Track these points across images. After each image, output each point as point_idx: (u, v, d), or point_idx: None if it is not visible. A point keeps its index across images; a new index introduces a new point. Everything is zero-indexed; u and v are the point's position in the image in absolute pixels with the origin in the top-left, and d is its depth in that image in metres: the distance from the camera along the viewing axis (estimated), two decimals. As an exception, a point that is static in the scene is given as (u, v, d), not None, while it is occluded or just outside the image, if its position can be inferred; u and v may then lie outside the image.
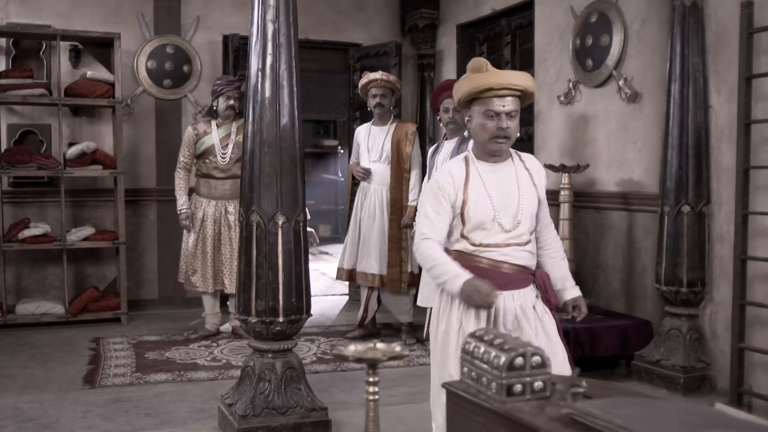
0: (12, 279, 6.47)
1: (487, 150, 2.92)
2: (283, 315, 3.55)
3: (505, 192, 2.93)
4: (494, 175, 2.94)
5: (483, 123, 2.87)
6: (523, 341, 1.96)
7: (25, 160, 5.97)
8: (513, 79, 2.87)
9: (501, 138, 2.85)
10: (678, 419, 1.69)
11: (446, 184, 2.93)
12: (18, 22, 6.37)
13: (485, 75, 2.87)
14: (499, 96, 2.83)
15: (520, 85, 2.86)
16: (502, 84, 2.83)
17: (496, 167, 2.95)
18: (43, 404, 4.19)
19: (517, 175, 2.96)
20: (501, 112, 2.83)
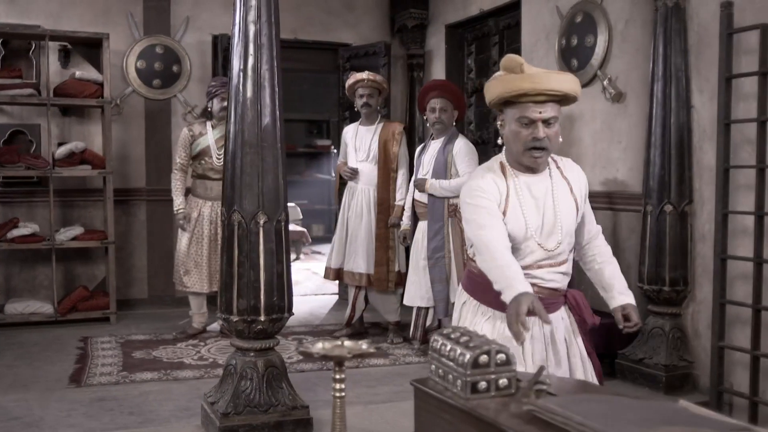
0: (1, 278, 6.49)
1: (523, 162, 2.61)
2: (264, 314, 3.57)
3: (541, 210, 2.62)
4: (529, 190, 2.63)
5: (517, 131, 2.55)
6: (488, 339, 1.99)
7: (14, 160, 5.98)
8: (552, 83, 2.52)
9: (537, 150, 2.54)
10: (637, 415, 1.71)
11: (493, 189, 2.60)
12: (7, 22, 6.38)
13: (520, 78, 2.54)
14: (535, 102, 2.51)
15: (560, 89, 2.53)
16: (537, 90, 2.50)
17: (531, 179, 2.64)
18: (28, 403, 4.20)
19: (553, 189, 2.65)
20: (537, 119, 2.51)
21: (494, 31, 6.55)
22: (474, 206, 2.60)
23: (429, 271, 5.10)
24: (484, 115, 6.82)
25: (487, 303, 2.70)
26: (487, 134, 6.72)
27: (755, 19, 3.92)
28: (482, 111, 6.82)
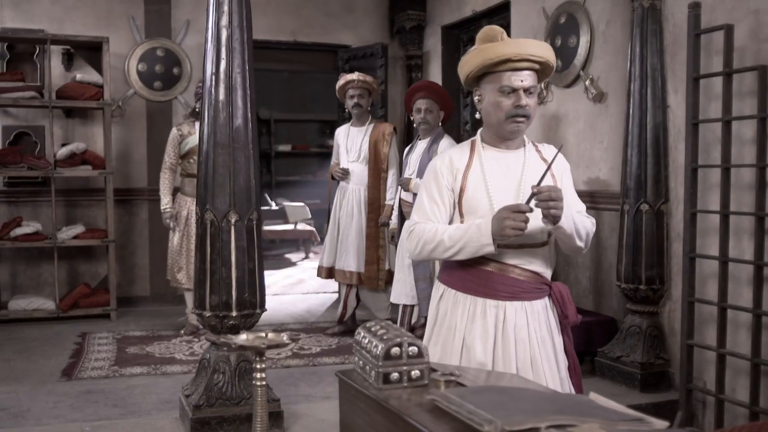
0: (7, 276, 6.68)
1: (503, 132, 2.55)
2: (236, 309, 3.67)
3: (508, 182, 2.55)
4: (499, 163, 2.58)
5: (498, 101, 2.50)
6: (404, 332, 2.07)
7: (17, 161, 6.16)
8: (533, 48, 2.49)
9: (519, 117, 2.49)
10: (532, 406, 1.78)
11: (445, 168, 2.59)
12: (12, 26, 6.57)
13: (502, 44, 2.49)
14: (516, 69, 2.47)
15: (542, 56, 2.49)
16: (520, 54, 2.45)
17: (504, 154, 2.59)
18: (18, 395, 4.35)
19: (525, 164, 2.58)
20: (519, 87, 2.47)
21: (488, 32, 6.60)
22: (422, 188, 2.65)
23: (413, 270, 5.18)
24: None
25: (466, 290, 2.60)
26: (481, 134, 6.77)
27: (726, 19, 3.95)
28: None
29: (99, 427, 3.80)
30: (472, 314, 2.58)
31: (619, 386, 4.49)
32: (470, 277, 2.57)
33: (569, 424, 1.62)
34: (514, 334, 2.54)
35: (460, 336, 2.58)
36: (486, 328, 2.54)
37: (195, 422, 3.62)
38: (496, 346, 2.54)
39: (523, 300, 2.56)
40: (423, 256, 2.60)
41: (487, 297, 2.55)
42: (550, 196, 2.35)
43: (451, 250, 2.50)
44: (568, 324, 2.67)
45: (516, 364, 2.52)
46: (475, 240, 2.44)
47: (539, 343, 2.57)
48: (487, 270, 2.55)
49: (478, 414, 1.68)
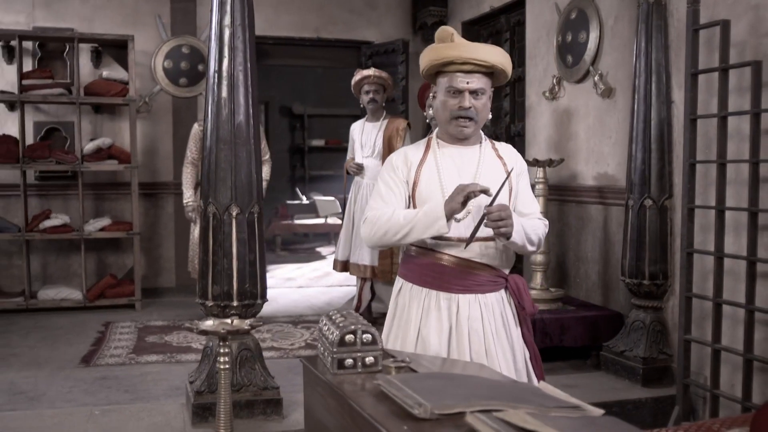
0: (39, 267, 6.92)
1: (449, 132, 2.64)
2: (237, 299, 3.79)
3: (462, 176, 2.61)
4: (453, 159, 2.65)
5: (444, 101, 2.59)
6: (360, 320, 2.16)
7: (45, 155, 6.38)
8: (479, 53, 2.53)
9: (462, 119, 2.57)
10: (468, 391, 1.85)
11: (400, 163, 2.68)
12: (43, 25, 6.80)
13: (448, 46, 2.56)
14: (463, 71, 2.53)
15: (486, 60, 2.53)
16: (464, 58, 2.52)
17: (458, 150, 2.66)
18: (36, 379, 4.54)
19: (480, 160, 2.66)
20: (464, 89, 2.54)
21: (505, 28, 6.64)
22: (379, 180, 2.72)
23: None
24: (497, 110, 6.90)
25: (421, 282, 2.67)
26: (499, 130, 6.81)
27: (727, 14, 3.94)
28: (498, 107, 6.91)
29: (108, 411, 3.96)
30: (427, 307, 2.65)
31: (623, 380, 4.51)
32: (426, 271, 2.65)
33: (496, 409, 1.70)
34: (468, 326, 2.61)
35: (415, 329, 2.65)
36: (440, 320, 2.62)
37: (196, 407, 3.75)
38: (450, 338, 2.62)
39: (477, 293, 2.63)
40: (376, 239, 2.63)
41: (440, 290, 2.63)
42: (500, 215, 2.44)
43: (403, 230, 2.54)
44: (525, 315, 2.72)
45: (470, 356, 2.60)
46: (429, 214, 2.49)
47: (493, 335, 2.63)
48: (442, 264, 2.62)
49: (412, 397, 1.76)
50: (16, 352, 5.21)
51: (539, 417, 1.66)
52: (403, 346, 2.67)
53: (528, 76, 6.05)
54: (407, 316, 2.70)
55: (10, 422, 3.77)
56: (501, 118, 6.76)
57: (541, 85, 5.79)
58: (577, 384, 4.49)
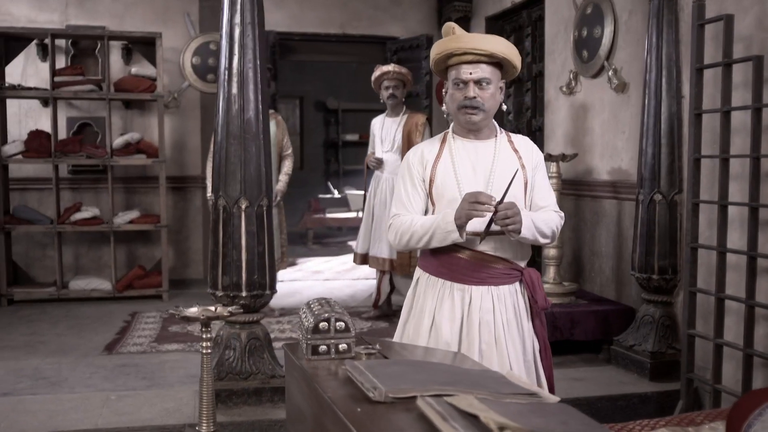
0: (71, 258, 7.15)
1: (460, 123, 2.70)
2: (245, 290, 3.90)
3: (477, 170, 2.68)
4: (468, 153, 2.70)
5: (452, 93, 2.67)
6: (335, 309, 2.25)
7: (76, 150, 6.59)
8: (475, 42, 2.61)
9: (469, 108, 2.62)
10: (426, 377, 1.92)
11: (416, 162, 2.75)
12: (76, 23, 7.01)
13: (450, 39, 2.65)
14: (466, 62, 2.61)
15: (484, 49, 2.59)
16: (462, 48, 2.60)
17: (473, 144, 2.71)
18: (60, 366, 4.73)
19: (496, 153, 2.71)
20: (468, 80, 2.60)
21: (527, 23, 6.66)
22: (399, 180, 2.79)
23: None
24: (518, 105, 6.93)
25: (438, 274, 2.74)
26: (521, 124, 6.83)
27: (735, 9, 3.93)
28: (520, 101, 6.94)
29: (123, 396, 4.11)
30: (441, 297, 2.73)
31: (631, 374, 4.53)
32: (442, 263, 2.72)
33: (447, 394, 1.77)
34: (479, 317, 2.68)
35: (429, 317, 2.73)
36: (453, 310, 2.69)
37: (206, 394, 3.88)
38: (462, 328, 2.69)
39: (490, 285, 2.69)
40: (402, 245, 2.75)
41: (454, 281, 2.70)
42: (506, 214, 2.51)
43: (423, 239, 2.66)
44: (538, 309, 2.77)
45: (480, 345, 2.67)
46: (442, 228, 2.59)
47: (504, 326, 2.69)
48: (458, 256, 2.68)
49: (370, 381, 1.85)
50: (44, 339, 5.41)
51: (487, 402, 1.72)
52: (417, 333, 2.76)
53: (546, 71, 6.07)
54: (422, 305, 2.78)
55: (29, 405, 3.94)
56: (523, 113, 6.79)
57: (559, 80, 5.81)
58: (585, 377, 4.53)
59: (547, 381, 2.81)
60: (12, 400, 4.05)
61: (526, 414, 1.68)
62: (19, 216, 6.65)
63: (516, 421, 1.57)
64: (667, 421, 2.70)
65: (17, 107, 6.99)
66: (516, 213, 2.54)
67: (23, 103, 6.98)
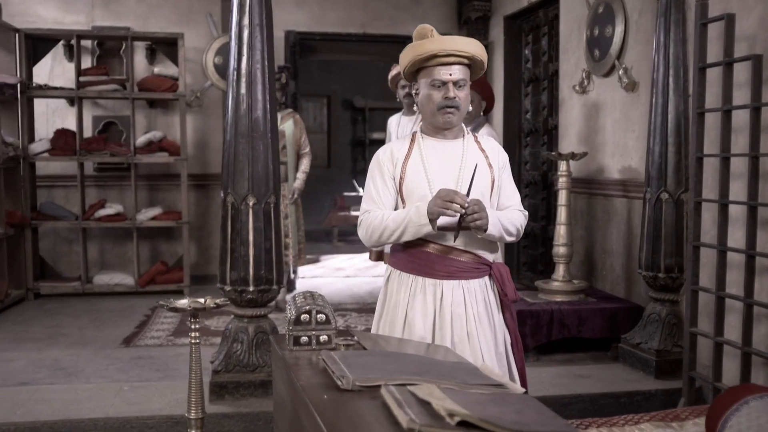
0: (96, 253, 7.34)
1: (436, 123, 2.75)
2: (253, 285, 4.00)
3: (447, 169, 2.74)
4: (438, 152, 2.77)
5: (429, 94, 2.71)
6: (317, 301, 2.33)
7: (100, 148, 6.76)
8: (458, 44, 2.68)
9: (449, 108, 2.69)
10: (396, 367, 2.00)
11: (386, 160, 2.80)
12: (101, 24, 7.19)
13: (429, 41, 2.69)
14: (444, 64, 2.67)
15: (466, 51, 2.68)
16: (445, 50, 2.65)
17: (442, 144, 2.78)
18: (78, 357, 4.88)
19: (464, 152, 2.78)
20: (448, 81, 2.67)
21: (543, 22, 6.69)
22: (368, 177, 2.85)
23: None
24: (535, 104, 6.96)
25: (408, 270, 2.80)
26: (537, 123, 6.86)
27: (739, 7, 3.94)
28: (537, 100, 6.97)
29: (136, 387, 4.24)
30: (413, 292, 2.79)
31: (637, 372, 4.55)
32: (412, 258, 2.79)
33: (412, 383, 1.84)
34: (451, 311, 2.73)
35: (403, 312, 2.79)
36: (426, 305, 2.75)
37: (213, 386, 3.99)
38: (435, 322, 2.75)
39: (461, 279, 2.75)
40: (373, 241, 2.81)
41: (426, 276, 2.76)
42: (474, 210, 2.58)
43: (396, 232, 2.71)
44: (508, 301, 2.84)
45: (452, 339, 2.72)
46: (414, 221, 2.65)
47: (476, 319, 2.75)
48: (427, 251, 2.75)
49: (341, 370, 1.93)
50: (66, 332, 5.58)
51: (449, 391, 1.80)
52: (392, 329, 2.82)
53: (561, 69, 6.09)
54: (395, 301, 2.83)
55: (45, 394, 4.08)
56: (539, 112, 6.82)
57: (572, 79, 5.83)
58: (591, 375, 4.56)
59: (519, 372, 2.87)
60: (30, 389, 4.20)
61: (483, 403, 1.75)
62: (45, 212, 6.85)
63: (469, 409, 1.64)
64: (652, 416, 2.74)
65: (45, 106, 7.19)
66: (482, 209, 2.61)
67: (51, 103, 7.18)
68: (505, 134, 7.21)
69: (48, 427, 3.69)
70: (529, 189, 7.09)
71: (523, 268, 7.20)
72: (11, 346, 5.18)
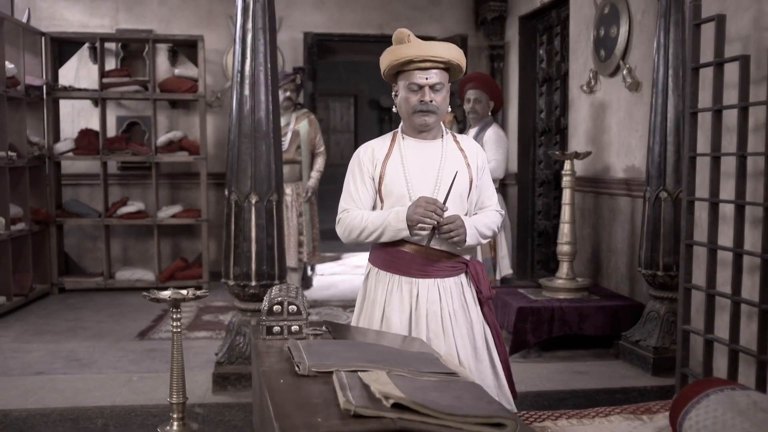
0: (120, 250, 7.56)
1: (413, 125, 2.83)
2: (255, 279, 4.14)
3: (426, 169, 2.81)
4: (417, 152, 2.84)
5: (407, 97, 2.79)
6: (291, 294, 2.45)
7: (122, 147, 6.97)
8: (434, 50, 2.75)
9: (424, 112, 2.77)
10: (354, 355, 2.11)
11: (366, 159, 2.87)
12: (125, 27, 7.40)
13: (406, 46, 2.77)
14: (421, 68, 2.75)
15: (442, 56, 2.75)
16: (421, 56, 2.73)
17: (422, 144, 2.85)
18: (93, 349, 5.07)
19: (443, 153, 2.85)
20: (424, 84, 2.75)
21: (556, 22, 6.74)
22: (348, 175, 2.93)
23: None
24: (548, 104, 7.01)
25: (386, 268, 2.89)
26: (550, 123, 6.91)
27: (734, 8, 3.96)
28: (550, 100, 7.02)
29: (145, 378, 4.41)
30: (390, 290, 2.89)
31: (636, 369, 4.61)
32: (389, 257, 2.89)
33: (363, 370, 1.95)
34: (426, 308, 2.83)
35: (381, 309, 2.88)
36: (402, 302, 2.85)
37: (216, 377, 4.15)
38: (411, 319, 2.85)
39: (436, 277, 2.84)
40: (352, 240, 2.91)
41: (402, 275, 2.87)
42: (449, 228, 2.70)
43: (374, 234, 2.82)
44: (483, 298, 2.93)
45: (428, 334, 2.83)
46: (393, 225, 2.76)
47: (451, 316, 2.84)
48: (404, 251, 2.84)
49: (301, 357, 2.05)
50: (85, 325, 5.78)
51: (397, 377, 1.90)
52: (370, 325, 2.91)
53: (571, 70, 6.14)
54: (373, 298, 2.93)
55: (58, 383, 4.27)
56: (552, 112, 6.87)
57: (581, 79, 5.88)
58: (589, 371, 4.62)
59: (503, 364, 2.95)
60: (44, 378, 4.39)
61: (426, 389, 1.85)
62: (69, 209, 7.08)
63: (409, 394, 1.75)
64: (623, 409, 2.81)
65: (71, 107, 7.42)
66: (459, 226, 2.72)
67: (76, 103, 7.42)
68: (519, 134, 7.28)
69: (57, 414, 3.87)
70: (543, 188, 7.14)
71: (537, 266, 7.25)
72: (32, 338, 5.39)
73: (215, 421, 3.98)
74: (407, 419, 1.64)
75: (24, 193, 6.54)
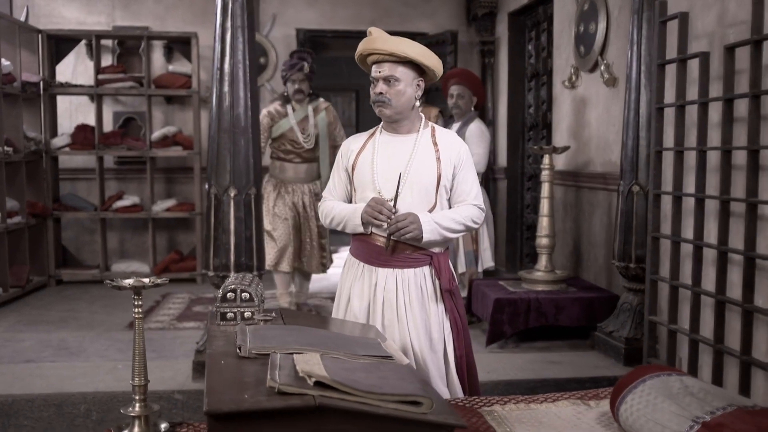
0: (116, 243, 7.71)
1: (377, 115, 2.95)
2: (234, 271, 4.26)
3: (392, 163, 2.88)
4: (388, 146, 2.92)
5: (370, 90, 2.95)
6: (244, 282, 2.57)
7: (118, 142, 7.11)
8: (376, 44, 2.84)
9: (378, 103, 2.88)
10: (295, 339, 2.22)
11: (344, 151, 3.03)
12: (122, 25, 7.54)
13: (363, 41, 2.90)
14: (376, 62, 2.87)
15: (383, 49, 2.82)
16: (368, 49, 2.87)
17: (395, 138, 2.94)
18: (83, 339, 5.21)
19: (414, 147, 2.91)
20: (378, 77, 2.86)
21: (543, 18, 6.82)
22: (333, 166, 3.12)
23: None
24: (536, 100, 7.10)
25: (356, 256, 3.03)
26: (537, 118, 7.00)
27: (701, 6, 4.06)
28: (535, 96, 7.11)
29: (129, 366, 4.52)
30: (355, 277, 3.02)
31: (609, 359, 4.71)
32: (357, 246, 3.03)
33: (297, 351, 2.07)
34: (383, 296, 2.95)
35: (347, 295, 3.03)
36: (363, 289, 2.98)
37: (196, 364, 4.28)
38: (369, 306, 2.97)
39: (395, 268, 2.92)
40: (326, 226, 3.12)
41: (365, 263, 2.99)
42: (398, 227, 2.80)
43: (340, 225, 3.02)
44: (443, 290, 2.98)
45: (383, 322, 2.94)
46: (352, 221, 2.94)
47: (407, 306, 2.93)
48: (368, 241, 2.96)
49: (243, 340, 2.17)
50: (78, 315, 5.93)
51: (329, 359, 2.02)
52: (338, 310, 3.06)
53: (554, 65, 6.23)
54: (344, 284, 3.08)
55: (45, 371, 4.42)
56: (539, 107, 6.96)
57: (563, 75, 5.97)
58: (563, 361, 4.73)
59: (466, 356, 3.05)
60: (31, 366, 4.54)
61: (354, 370, 1.97)
62: (66, 203, 7.23)
63: (334, 374, 1.86)
64: (571, 394, 2.91)
65: (68, 103, 7.57)
66: (409, 223, 2.79)
67: (73, 99, 7.56)
68: (509, 128, 7.38)
69: (42, 399, 4.01)
70: (532, 182, 7.24)
71: (526, 259, 7.35)
72: (26, 327, 5.54)
73: (194, 407, 4.10)
74: (327, 396, 1.76)
75: (21, 187, 6.69)
